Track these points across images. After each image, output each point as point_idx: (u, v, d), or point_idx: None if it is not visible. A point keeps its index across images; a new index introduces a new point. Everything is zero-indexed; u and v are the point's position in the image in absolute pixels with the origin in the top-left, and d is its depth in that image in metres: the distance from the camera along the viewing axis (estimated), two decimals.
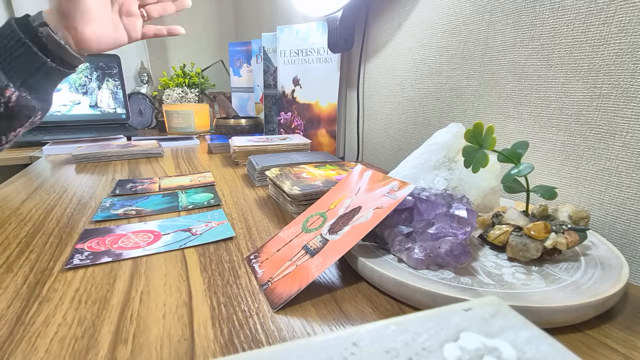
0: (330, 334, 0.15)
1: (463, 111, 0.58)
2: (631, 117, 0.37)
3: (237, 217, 0.50)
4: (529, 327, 0.16)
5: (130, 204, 0.54)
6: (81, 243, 0.41)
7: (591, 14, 0.40)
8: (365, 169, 0.43)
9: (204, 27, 1.80)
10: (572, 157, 0.43)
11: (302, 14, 1.09)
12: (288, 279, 0.32)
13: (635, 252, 0.38)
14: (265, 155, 0.71)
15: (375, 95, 0.81)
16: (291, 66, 0.95)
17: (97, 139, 1.09)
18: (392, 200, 0.35)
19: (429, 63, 0.64)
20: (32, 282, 0.33)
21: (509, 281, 0.31)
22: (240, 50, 1.28)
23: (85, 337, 0.26)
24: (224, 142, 0.96)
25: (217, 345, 0.26)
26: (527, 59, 0.47)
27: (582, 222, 0.35)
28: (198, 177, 0.70)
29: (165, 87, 1.46)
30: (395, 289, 0.30)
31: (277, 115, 1.02)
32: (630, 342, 0.26)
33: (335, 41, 0.80)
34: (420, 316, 0.17)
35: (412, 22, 0.67)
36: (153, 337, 0.26)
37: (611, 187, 0.40)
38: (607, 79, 0.39)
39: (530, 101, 0.47)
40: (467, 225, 0.33)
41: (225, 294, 0.32)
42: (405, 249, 0.34)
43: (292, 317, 0.29)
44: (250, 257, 0.38)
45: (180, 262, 0.37)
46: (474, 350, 0.15)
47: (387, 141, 0.79)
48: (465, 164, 0.37)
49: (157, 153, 0.90)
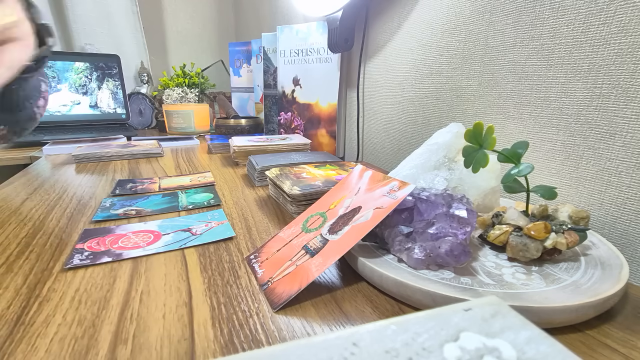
0: (330, 334, 0.15)
1: (463, 111, 0.58)
2: (631, 117, 0.37)
3: (237, 217, 0.50)
4: (529, 327, 0.16)
5: (130, 204, 0.54)
6: (81, 243, 0.41)
7: (591, 14, 0.40)
8: (365, 169, 0.43)
9: (204, 27, 1.80)
10: (572, 157, 0.43)
11: (302, 14, 1.09)
12: (288, 279, 0.32)
13: (635, 252, 0.38)
14: (265, 155, 0.71)
15: (375, 95, 0.81)
16: (291, 66, 0.95)
17: (97, 139, 1.09)
18: (392, 200, 0.35)
19: (429, 63, 0.64)
20: (32, 282, 0.33)
21: (509, 281, 0.31)
22: (240, 50, 1.28)
23: (85, 337, 0.26)
24: (224, 142, 0.96)
25: (217, 345, 0.26)
26: (527, 59, 0.47)
27: (582, 222, 0.35)
28: (198, 177, 0.70)
29: (165, 87, 1.46)
30: (395, 289, 0.30)
31: (277, 115, 1.02)
32: (630, 342, 0.26)
33: (335, 41, 0.80)
34: (420, 316, 0.17)
35: (412, 22, 0.67)
36: (153, 337, 0.26)
37: (611, 187, 0.40)
38: (607, 79, 0.39)
39: (530, 101, 0.47)
40: (467, 225, 0.33)
41: (225, 294, 0.32)
42: (405, 249, 0.34)
43: (292, 317, 0.29)
44: (250, 257, 0.38)
45: (180, 262, 0.37)
46: (474, 350, 0.15)
47: (387, 141, 0.79)
48: (465, 164, 0.37)
49: (157, 153, 0.90)
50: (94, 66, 1.24)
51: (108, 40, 1.51)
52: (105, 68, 1.25)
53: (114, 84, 1.27)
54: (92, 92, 1.24)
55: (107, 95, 1.26)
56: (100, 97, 1.25)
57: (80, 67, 1.22)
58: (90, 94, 1.24)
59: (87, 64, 1.23)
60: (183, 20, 1.75)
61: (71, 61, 1.21)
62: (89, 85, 1.24)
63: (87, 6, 1.45)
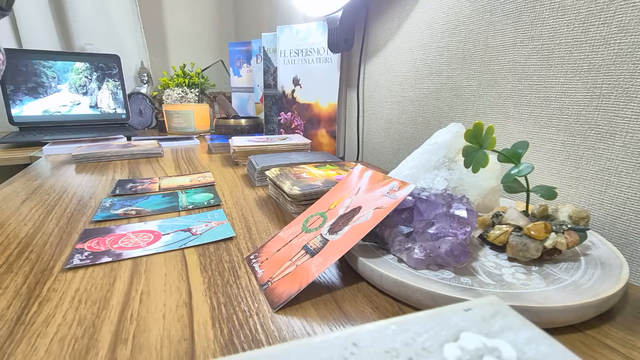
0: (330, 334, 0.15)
1: (463, 111, 0.58)
2: (631, 117, 0.37)
3: (237, 217, 0.50)
4: (529, 327, 0.16)
5: (130, 204, 0.54)
6: (81, 243, 0.41)
7: (591, 14, 0.40)
8: (365, 169, 0.43)
9: (204, 27, 1.80)
10: (572, 157, 0.43)
11: (302, 14, 1.09)
12: (288, 279, 0.32)
13: (635, 252, 0.38)
14: (265, 155, 0.71)
15: (375, 95, 0.81)
16: (291, 66, 0.95)
17: (97, 139, 1.09)
18: (392, 200, 0.35)
19: (429, 63, 0.64)
20: (32, 282, 0.33)
21: (509, 281, 0.31)
22: (240, 50, 1.28)
23: (85, 337, 0.26)
24: (224, 142, 0.96)
25: (217, 345, 0.26)
26: (527, 59, 0.47)
27: (582, 222, 0.35)
28: (198, 177, 0.70)
29: (165, 87, 1.46)
30: (395, 289, 0.30)
31: (277, 115, 1.02)
32: (630, 342, 0.26)
33: (335, 41, 0.80)
34: (420, 316, 0.17)
35: (412, 22, 0.67)
36: (153, 337, 0.26)
37: (611, 187, 0.40)
38: (607, 79, 0.39)
39: (530, 101, 0.47)
40: (467, 225, 0.33)
41: (225, 294, 0.32)
42: (405, 249, 0.34)
43: (292, 317, 0.29)
44: (250, 257, 0.38)
45: (180, 262, 0.37)
46: (474, 350, 0.15)
47: (387, 141, 0.79)
48: (465, 164, 0.37)
49: (157, 153, 0.90)
50: (94, 66, 1.24)
51: (108, 40, 1.51)
52: (105, 68, 1.25)
53: (114, 84, 1.27)
54: (92, 92, 1.24)
55: (107, 96, 1.26)
56: (100, 97, 1.25)
57: (80, 67, 1.22)
58: (90, 94, 1.24)
59: (87, 64, 1.23)
60: (183, 20, 1.75)
61: (71, 61, 1.21)
62: (89, 85, 1.24)
63: (87, 6, 1.45)
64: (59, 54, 1.21)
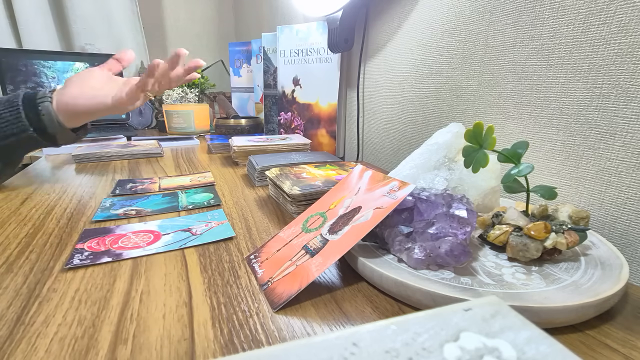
0: (330, 334, 0.15)
1: (463, 111, 0.58)
2: (631, 117, 0.37)
3: (237, 217, 0.50)
4: (529, 327, 0.16)
5: (130, 204, 0.54)
6: (81, 243, 0.41)
7: (591, 14, 0.40)
8: (365, 169, 0.43)
9: (203, 27, 1.80)
10: (572, 157, 0.43)
11: (302, 14, 1.09)
12: (288, 279, 0.32)
13: (635, 252, 0.38)
14: (265, 155, 0.71)
15: (375, 95, 0.81)
16: (291, 66, 0.95)
17: (97, 139, 1.09)
18: (392, 200, 0.35)
19: (429, 63, 0.64)
20: (32, 282, 0.33)
21: (509, 281, 0.31)
22: (240, 50, 1.28)
23: (85, 337, 0.26)
24: (224, 142, 0.96)
25: (217, 345, 0.26)
26: (527, 59, 0.47)
27: (582, 222, 0.35)
28: (198, 177, 0.70)
29: None
30: (395, 289, 0.30)
31: (277, 115, 1.02)
32: (630, 342, 0.26)
33: (335, 41, 0.80)
34: (420, 316, 0.17)
35: (412, 22, 0.67)
36: (153, 337, 0.26)
37: (611, 187, 0.40)
38: (607, 79, 0.39)
39: (530, 101, 0.47)
40: (467, 225, 0.33)
41: (225, 294, 0.32)
42: (405, 249, 0.34)
43: (292, 317, 0.29)
44: (250, 257, 0.38)
45: (180, 262, 0.37)
46: (474, 350, 0.15)
47: (387, 141, 0.79)
48: (465, 164, 0.37)
49: (157, 153, 0.90)
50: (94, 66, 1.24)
51: (108, 40, 1.51)
52: None
53: None
54: None
55: None
56: None
57: (80, 68, 1.22)
58: None
59: (87, 64, 1.23)
60: (183, 20, 1.75)
61: (71, 61, 1.21)
62: None
63: (87, 6, 1.45)
64: (59, 54, 1.21)
